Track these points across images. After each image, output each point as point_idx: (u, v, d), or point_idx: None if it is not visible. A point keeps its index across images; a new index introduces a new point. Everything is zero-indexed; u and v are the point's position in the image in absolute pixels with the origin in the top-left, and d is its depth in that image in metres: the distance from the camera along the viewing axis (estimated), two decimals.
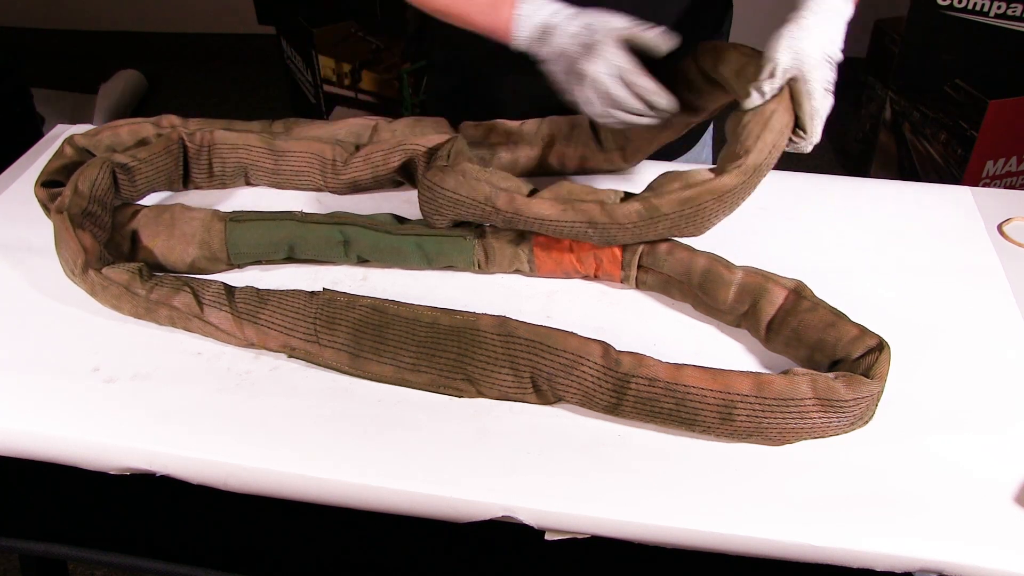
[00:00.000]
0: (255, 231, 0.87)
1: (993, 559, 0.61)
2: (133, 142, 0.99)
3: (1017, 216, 0.96)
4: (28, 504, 0.91)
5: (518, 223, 0.80)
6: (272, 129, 1.03)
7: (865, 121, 2.51)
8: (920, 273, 0.87)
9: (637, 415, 0.70)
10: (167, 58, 3.26)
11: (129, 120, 1.01)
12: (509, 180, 0.80)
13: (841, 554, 0.63)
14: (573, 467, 0.68)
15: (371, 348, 0.75)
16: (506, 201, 0.79)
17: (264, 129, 1.02)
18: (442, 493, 0.66)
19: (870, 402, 0.69)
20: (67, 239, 0.81)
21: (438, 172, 0.82)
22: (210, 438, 0.71)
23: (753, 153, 0.74)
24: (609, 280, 0.86)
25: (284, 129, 1.03)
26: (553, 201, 0.78)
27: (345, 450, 0.69)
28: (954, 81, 2.12)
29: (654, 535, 0.65)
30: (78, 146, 0.97)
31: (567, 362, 0.70)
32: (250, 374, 0.77)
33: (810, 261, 0.88)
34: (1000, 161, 2.13)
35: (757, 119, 0.75)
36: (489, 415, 0.73)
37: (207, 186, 1.01)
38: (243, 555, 0.87)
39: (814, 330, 0.74)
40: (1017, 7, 1.99)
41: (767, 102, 0.75)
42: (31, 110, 2.43)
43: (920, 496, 0.65)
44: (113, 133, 0.99)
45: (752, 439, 0.69)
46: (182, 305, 0.78)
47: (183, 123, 1.02)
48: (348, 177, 0.98)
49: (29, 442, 0.72)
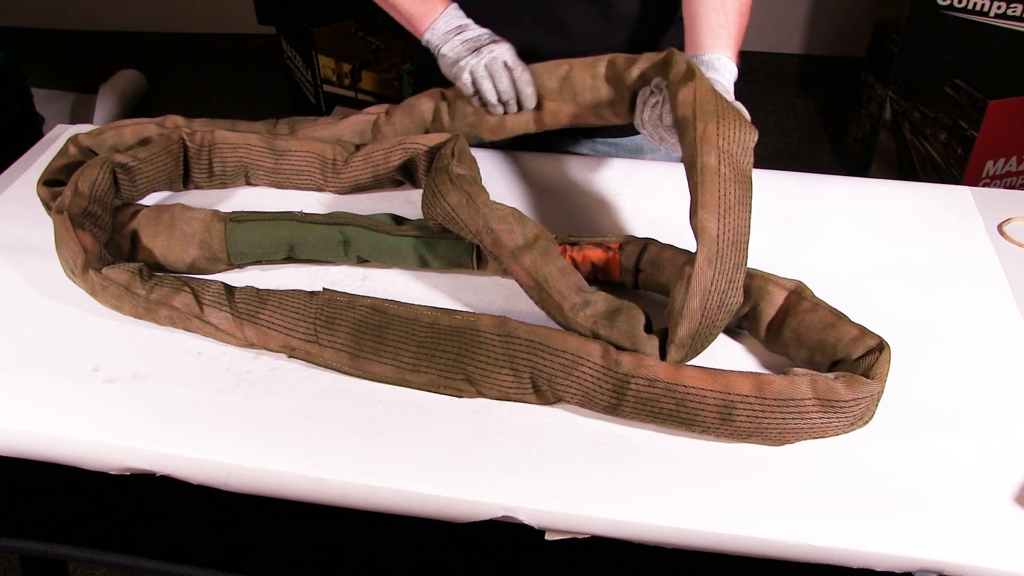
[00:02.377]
0: (255, 231, 0.87)
1: (993, 559, 0.61)
2: (136, 142, 0.99)
3: (1017, 216, 0.96)
4: (28, 504, 0.91)
5: (499, 262, 0.79)
6: (276, 130, 1.02)
7: (865, 121, 2.51)
8: (920, 273, 0.87)
9: (637, 415, 0.70)
10: (167, 58, 3.26)
11: (133, 120, 1.01)
12: (504, 222, 0.78)
13: (841, 554, 0.63)
14: (573, 467, 0.68)
15: (371, 348, 0.75)
16: (491, 243, 0.78)
17: (268, 130, 1.02)
18: (442, 493, 0.66)
19: (870, 402, 0.69)
20: (67, 239, 0.81)
21: (447, 181, 0.81)
22: (210, 438, 0.71)
23: (683, 324, 0.70)
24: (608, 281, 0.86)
25: (288, 129, 1.03)
26: (527, 274, 0.76)
27: (345, 450, 0.69)
28: (954, 81, 2.12)
29: (654, 535, 0.65)
30: (82, 145, 0.97)
31: (567, 363, 0.70)
32: (250, 374, 0.77)
33: (810, 261, 0.88)
34: (1000, 161, 2.13)
35: (679, 287, 0.72)
36: (489, 415, 0.73)
37: (207, 186, 1.01)
38: (243, 555, 0.87)
39: (814, 331, 0.74)
40: (1017, 7, 1.99)
41: (686, 263, 0.72)
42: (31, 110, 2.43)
43: (920, 496, 0.65)
44: (117, 133, 0.99)
45: (752, 439, 0.69)
46: (182, 305, 0.78)
47: (187, 123, 1.02)
48: (348, 176, 0.98)
49: (29, 442, 0.72)
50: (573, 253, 0.84)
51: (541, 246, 0.77)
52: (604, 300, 0.74)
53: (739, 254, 0.73)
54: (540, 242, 0.77)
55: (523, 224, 0.79)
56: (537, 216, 0.95)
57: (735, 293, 0.72)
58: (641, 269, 0.82)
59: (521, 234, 0.78)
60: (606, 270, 0.84)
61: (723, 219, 0.72)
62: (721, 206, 0.73)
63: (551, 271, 0.75)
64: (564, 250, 0.84)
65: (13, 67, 2.33)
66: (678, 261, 0.80)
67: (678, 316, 0.71)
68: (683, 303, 0.70)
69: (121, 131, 0.99)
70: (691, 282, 0.70)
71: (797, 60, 2.95)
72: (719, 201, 0.73)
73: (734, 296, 0.72)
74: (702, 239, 0.71)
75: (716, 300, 0.71)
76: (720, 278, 0.71)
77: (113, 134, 0.99)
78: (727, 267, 0.71)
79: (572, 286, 0.75)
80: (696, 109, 0.76)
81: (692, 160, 0.75)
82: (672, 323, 0.71)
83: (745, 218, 0.74)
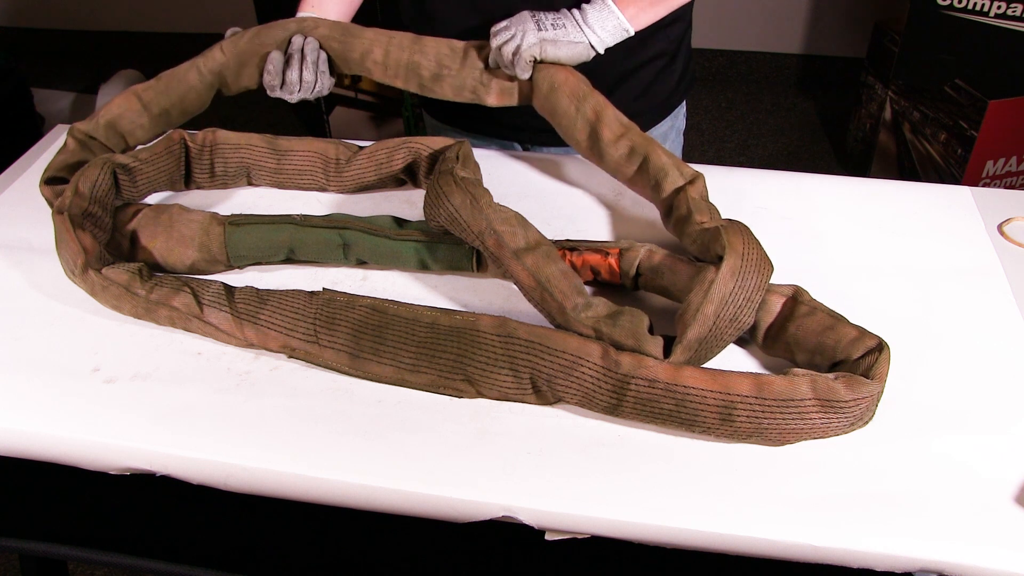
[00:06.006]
0: (254, 235, 0.87)
1: (993, 559, 0.61)
2: (131, 112, 0.96)
3: (1017, 216, 0.96)
4: (28, 504, 0.91)
5: (500, 265, 0.79)
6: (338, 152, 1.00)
7: (865, 121, 2.51)
8: (920, 273, 0.87)
9: (637, 416, 0.70)
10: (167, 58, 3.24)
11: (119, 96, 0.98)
12: (507, 224, 0.78)
13: (841, 554, 0.63)
14: (573, 467, 0.68)
15: (371, 348, 0.75)
16: (493, 244, 0.78)
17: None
18: (442, 493, 0.66)
19: (870, 402, 0.69)
20: (67, 239, 0.81)
21: (451, 182, 0.81)
22: (210, 438, 0.71)
23: (694, 327, 0.71)
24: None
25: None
26: (529, 275, 0.76)
27: (345, 450, 0.69)
28: (954, 81, 2.12)
29: (654, 535, 0.65)
30: (79, 135, 0.95)
31: (567, 363, 0.70)
32: (250, 374, 0.77)
33: (809, 261, 0.88)
34: (1000, 161, 2.13)
35: (697, 290, 0.72)
36: (489, 415, 0.73)
37: (209, 186, 1.00)
38: (243, 555, 0.87)
39: (813, 334, 0.73)
40: (1017, 7, 1.99)
41: (706, 270, 0.73)
42: (31, 110, 2.43)
43: (920, 496, 0.65)
44: (106, 110, 0.96)
45: (752, 440, 0.69)
46: (182, 305, 0.78)
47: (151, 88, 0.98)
48: (351, 176, 0.98)
49: (29, 442, 0.72)
50: (573, 258, 0.84)
51: (543, 250, 0.77)
52: (605, 304, 0.74)
53: (761, 277, 0.73)
54: (542, 246, 0.78)
55: (525, 228, 0.79)
56: (537, 217, 0.95)
57: (749, 312, 0.73)
58: (640, 273, 0.82)
59: (523, 237, 0.78)
60: (606, 275, 0.84)
61: (747, 243, 0.75)
62: (745, 233, 0.76)
63: (553, 271, 0.76)
64: (564, 255, 0.84)
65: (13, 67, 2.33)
66: (678, 266, 0.80)
67: (691, 319, 0.71)
68: (698, 307, 0.71)
69: (109, 107, 0.96)
70: (711, 289, 0.71)
71: (797, 60, 2.96)
72: (743, 234, 0.76)
73: (748, 316, 0.73)
74: (729, 252, 0.73)
75: (730, 313, 0.71)
76: (739, 293, 0.72)
77: (104, 111, 0.96)
78: (748, 284, 0.72)
79: (573, 288, 0.75)
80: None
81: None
82: (683, 324, 0.71)
83: (764, 254, 0.75)
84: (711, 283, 0.72)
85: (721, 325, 0.71)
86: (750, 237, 0.76)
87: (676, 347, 0.71)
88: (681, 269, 0.79)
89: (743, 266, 0.73)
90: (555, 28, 0.92)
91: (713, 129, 2.76)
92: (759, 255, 0.74)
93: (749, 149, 2.68)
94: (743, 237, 0.75)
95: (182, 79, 0.98)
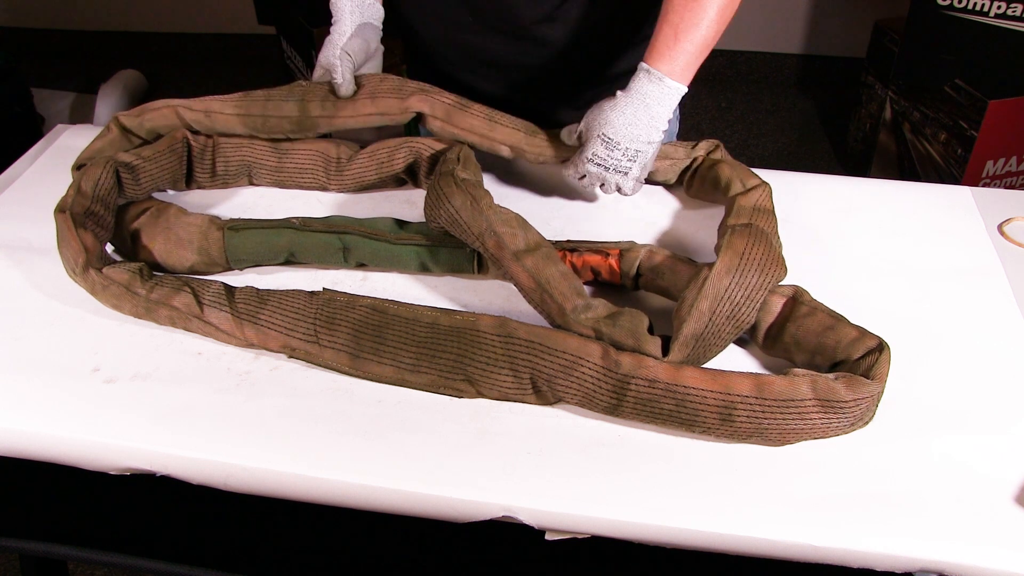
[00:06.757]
0: (253, 239, 0.86)
1: (993, 559, 0.61)
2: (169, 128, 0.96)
3: (1017, 216, 0.96)
4: (28, 504, 0.91)
5: (500, 267, 0.79)
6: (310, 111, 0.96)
7: (865, 121, 2.51)
8: (920, 273, 0.87)
9: (637, 416, 0.70)
10: (167, 58, 3.26)
11: (164, 102, 0.96)
12: (508, 225, 0.79)
13: (841, 554, 0.63)
14: (573, 467, 0.68)
15: (371, 348, 0.75)
16: (493, 245, 0.78)
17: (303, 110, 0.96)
18: (442, 493, 0.66)
19: (870, 403, 0.69)
20: (68, 238, 0.81)
21: (452, 184, 0.81)
22: (210, 438, 0.70)
23: (689, 323, 0.71)
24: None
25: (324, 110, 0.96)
26: (529, 276, 0.76)
27: (345, 450, 0.69)
28: (954, 81, 2.12)
29: (654, 535, 0.65)
30: (122, 126, 0.94)
31: (567, 363, 0.70)
32: (250, 374, 0.77)
33: (809, 261, 0.88)
34: (1000, 161, 2.13)
35: (692, 286, 0.73)
36: (489, 416, 0.73)
37: (210, 186, 1.00)
38: (243, 555, 0.87)
39: (813, 335, 0.74)
40: (1017, 7, 1.99)
41: (701, 267, 0.74)
42: (31, 110, 2.43)
43: (920, 496, 0.65)
44: (150, 116, 0.95)
45: (752, 440, 0.69)
46: (182, 305, 0.78)
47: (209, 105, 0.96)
48: (352, 175, 0.98)
49: (29, 442, 0.72)
50: (573, 259, 0.84)
51: (543, 251, 0.78)
52: (605, 305, 0.74)
53: (764, 277, 0.73)
54: (542, 248, 0.78)
55: (525, 229, 0.79)
56: (537, 218, 0.95)
57: (749, 311, 0.72)
58: (641, 274, 0.82)
59: (523, 238, 0.78)
60: (606, 275, 0.84)
61: (752, 244, 0.75)
62: (754, 235, 0.76)
63: (553, 273, 0.76)
64: (564, 255, 0.84)
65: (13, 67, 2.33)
66: (678, 267, 0.80)
67: (686, 314, 0.71)
68: (693, 302, 0.71)
69: (154, 117, 0.95)
70: (705, 285, 0.71)
71: (797, 60, 2.95)
72: (751, 236, 0.76)
73: (748, 314, 0.72)
74: (725, 250, 0.74)
75: (727, 309, 0.71)
76: (737, 291, 0.72)
77: (148, 117, 0.95)
78: (748, 282, 0.72)
79: (573, 289, 0.75)
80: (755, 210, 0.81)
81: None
82: (679, 320, 0.71)
83: (775, 257, 0.75)
84: (705, 279, 0.72)
85: (718, 322, 0.71)
86: (759, 239, 0.75)
87: (673, 344, 0.71)
88: (681, 270, 0.79)
89: (741, 264, 0.72)
90: (627, 157, 0.87)
91: (713, 129, 2.76)
92: (766, 256, 0.74)
93: (749, 149, 2.68)
94: (749, 239, 0.75)
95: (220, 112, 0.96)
